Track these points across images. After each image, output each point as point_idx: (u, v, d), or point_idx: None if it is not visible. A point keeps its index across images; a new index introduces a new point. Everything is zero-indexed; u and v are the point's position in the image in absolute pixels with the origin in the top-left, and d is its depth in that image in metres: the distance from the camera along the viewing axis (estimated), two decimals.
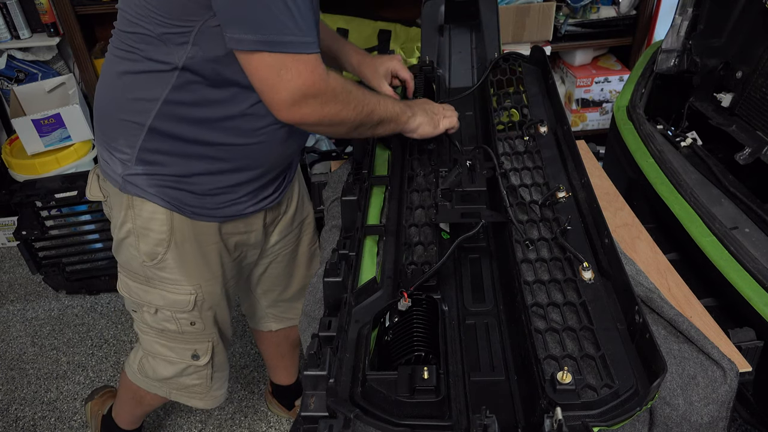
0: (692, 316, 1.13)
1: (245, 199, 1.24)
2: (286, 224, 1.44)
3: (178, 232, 1.20)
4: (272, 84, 0.96)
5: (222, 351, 1.44)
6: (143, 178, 1.15)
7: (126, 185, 1.16)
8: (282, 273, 1.53)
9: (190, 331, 1.34)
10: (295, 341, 1.79)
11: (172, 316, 1.31)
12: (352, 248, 1.01)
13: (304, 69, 0.96)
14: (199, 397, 1.49)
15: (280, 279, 1.55)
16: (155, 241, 1.20)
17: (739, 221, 1.46)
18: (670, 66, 1.92)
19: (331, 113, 1.03)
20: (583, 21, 2.62)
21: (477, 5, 1.58)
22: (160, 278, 1.25)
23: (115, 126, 1.13)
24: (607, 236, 0.97)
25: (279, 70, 0.95)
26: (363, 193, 1.15)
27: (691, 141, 1.76)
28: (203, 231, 1.23)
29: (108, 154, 1.17)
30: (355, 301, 0.95)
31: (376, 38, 2.60)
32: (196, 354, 1.38)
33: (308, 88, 0.97)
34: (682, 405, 0.93)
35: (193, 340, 1.37)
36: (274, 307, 1.63)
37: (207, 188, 1.18)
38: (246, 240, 1.32)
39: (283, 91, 0.96)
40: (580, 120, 2.83)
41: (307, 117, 1.01)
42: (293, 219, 1.45)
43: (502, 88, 1.45)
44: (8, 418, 2.03)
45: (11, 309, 2.45)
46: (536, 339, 0.83)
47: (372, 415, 0.74)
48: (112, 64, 1.11)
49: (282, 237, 1.45)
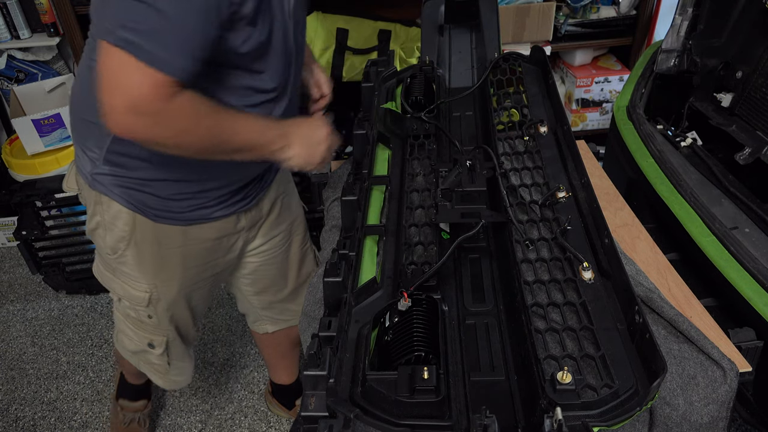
0: (692, 316, 1.13)
1: (212, 203, 1.24)
2: (270, 226, 1.43)
3: (139, 233, 1.24)
4: (112, 84, 0.91)
5: (179, 346, 1.49)
6: (109, 178, 1.18)
7: (94, 183, 1.20)
8: (274, 274, 1.54)
9: (147, 322, 1.40)
10: (295, 340, 1.79)
11: (131, 307, 1.37)
12: (352, 248, 1.01)
13: (148, 83, 0.91)
14: (159, 377, 1.58)
15: (272, 281, 1.55)
16: (117, 237, 1.25)
17: (739, 221, 1.46)
18: (670, 66, 1.92)
19: (164, 136, 0.99)
20: (583, 21, 2.62)
21: (477, 5, 1.58)
22: (121, 271, 1.31)
23: (86, 125, 1.15)
24: (607, 236, 0.97)
25: (125, 73, 0.90)
26: (363, 193, 1.15)
27: (691, 141, 1.76)
28: (166, 234, 1.25)
29: (80, 151, 1.21)
30: (355, 301, 0.95)
31: (376, 38, 2.60)
32: (152, 344, 1.46)
33: (143, 102, 0.92)
34: (682, 405, 0.93)
35: (150, 331, 1.43)
36: (268, 309, 1.64)
37: (170, 193, 1.19)
38: (218, 244, 1.32)
39: (119, 96, 0.92)
40: (580, 120, 2.83)
41: (135, 132, 0.96)
42: (279, 221, 1.45)
43: (502, 88, 1.45)
44: (8, 418, 2.03)
45: (11, 309, 2.45)
46: (536, 339, 0.83)
47: (372, 415, 0.74)
48: (83, 66, 1.13)
49: (269, 239, 1.45)
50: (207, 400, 2.05)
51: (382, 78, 1.51)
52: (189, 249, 1.29)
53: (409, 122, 1.38)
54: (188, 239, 1.27)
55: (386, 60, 1.59)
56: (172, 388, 1.72)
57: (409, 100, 1.42)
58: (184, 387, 2.04)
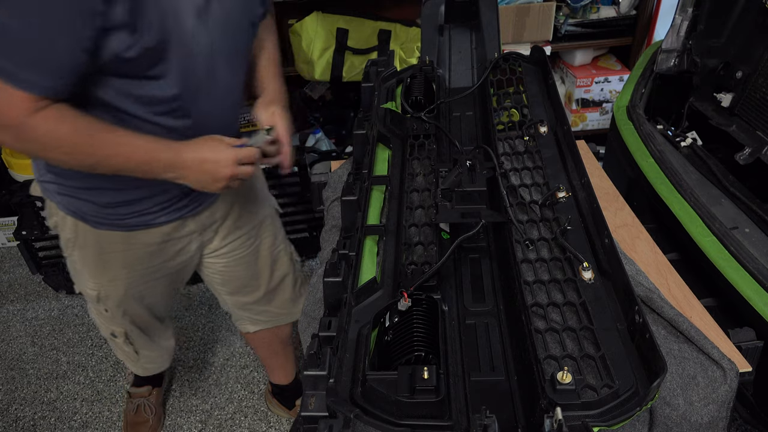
0: (692, 316, 1.13)
1: (155, 210, 1.24)
2: (229, 229, 1.43)
3: (81, 238, 1.28)
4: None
5: (140, 337, 1.56)
6: (53, 186, 1.22)
7: (43, 190, 1.25)
8: (244, 276, 1.55)
9: (104, 315, 1.49)
10: (286, 339, 1.80)
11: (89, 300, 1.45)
12: (352, 248, 1.01)
13: (4, 98, 0.93)
14: (131, 363, 1.71)
15: (243, 282, 1.56)
16: (65, 239, 1.31)
17: (739, 221, 1.46)
18: (670, 66, 1.92)
19: (31, 150, 1.03)
20: (583, 21, 2.62)
21: (477, 5, 1.58)
22: (74, 269, 1.39)
23: None
24: (607, 236, 0.97)
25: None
26: (363, 193, 1.15)
27: (691, 141, 1.76)
28: (106, 239, 1.27)
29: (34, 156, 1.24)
30: (355, 301, 0.95)
31: (376, 38, 2.60)
32: (114, 334, 1.56)
33: (2, 119, 0.95)
34: (682, 405, 0.93)
35: (109, 323, 1.51)
36: (245, 310, 1.65)
37: (108, 201, 1.20)
38: (163, 248, 1.33)
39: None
40: (580, 120, 2.83)
41: (4, 144, 1.04)
42: (239, 223, 1.44)
43: (502, 88, 1.45)
44: (8, 418, 2.03)
45: (11, 309, 2.45)
46: (536, 339, 0.83)
47: (372, 415, 0.74)
48: None
49: (229, 241, 1.45)
50: (207, 400, 2.05)
51: (382, 78, 1.50)
52: (132, 253, 1.30)
53: (409, 122, 1.38)
54: (131, 244, 1.28)
55: (386, 60, 1.59)
56: (143, 374, 1.82)
57: (409, 100, 1.42)
58: (184, 387, 2.07)
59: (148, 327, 1.56)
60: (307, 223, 2.53)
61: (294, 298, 1.67)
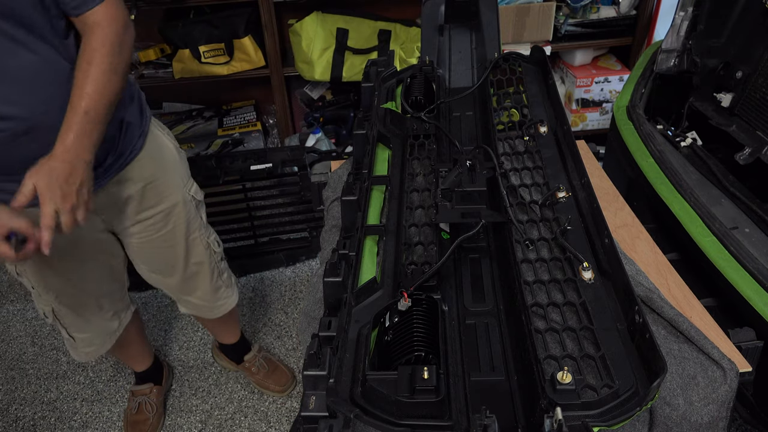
0: (692, 316, 1.13)
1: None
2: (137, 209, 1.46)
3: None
4: None
5: (70, 316, 1.57)
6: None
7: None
8: (158, 258, 1.59)
9: (32, 292, 1.52)
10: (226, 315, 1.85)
11: None
12: (352, 248, 1.01)
13: None
14: (72, 351, 1.70)
15: (159, 265, 1.61)
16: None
17: (739, 221, 1.46)
18: (670, 66, 1.92)
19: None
20: (583, 21, 2.62)
21: (477, 5, 1.58)
22: None
23: None
24: (607, 236, 0.97)
25: None
26: (363, 193, 1.15)
27: (691, 141, 1.76)
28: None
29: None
30: (355, 301, 0.95)
31: (376, 38, 2.60)
32: (45, 314, 1.58)
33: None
34: (682, 405, 0.93)
35: (38, 301, 1.55)
36: (172, 292, 1.72)
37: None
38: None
39: None
40: (580, 120, 2.83)
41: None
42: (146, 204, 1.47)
43: (502, 88, 1.45)
44: (8, 418, 2.03)
45: (11, 309, 2.45)
46: (536, 339, 0.83)
47: (372, 415, 0.74)
48: None
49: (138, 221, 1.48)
50: (207, 400, 2.06)
51: (382, 78, 1.51)
52: None
53: (409, 122, 1.38)
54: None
55: (386, 60, 1.59)
56: (82, 360, 1.78)
57: (409, 100, 1.42)
58: (184, 387, 2.06)
59: (77, 306, 1.57)
60: (307, 223, 2.54)
61: (214, 289, 1.72)
